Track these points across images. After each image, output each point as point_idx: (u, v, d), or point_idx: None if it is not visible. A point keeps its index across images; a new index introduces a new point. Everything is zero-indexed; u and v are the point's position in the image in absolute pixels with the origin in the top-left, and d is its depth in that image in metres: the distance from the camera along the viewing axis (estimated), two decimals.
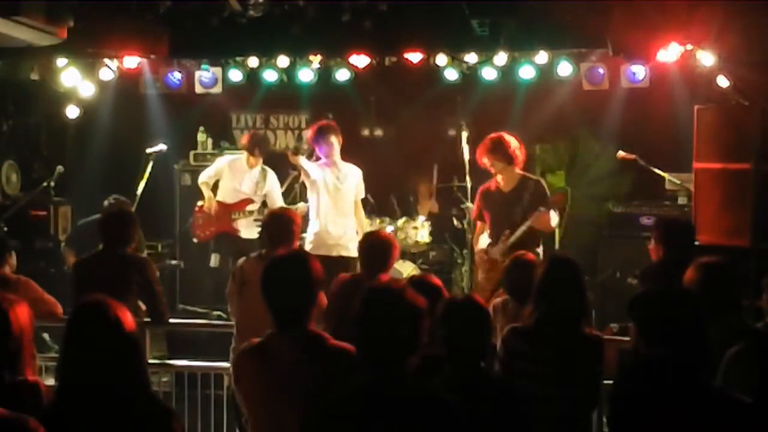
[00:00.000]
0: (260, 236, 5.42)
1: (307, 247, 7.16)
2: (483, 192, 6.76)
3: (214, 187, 8.08)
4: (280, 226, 5.29)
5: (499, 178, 6.65)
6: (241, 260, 5.40)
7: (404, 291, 2.95)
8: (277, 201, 7.95)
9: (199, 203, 8.08)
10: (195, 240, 8.16)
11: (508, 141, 6.56)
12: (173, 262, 8.67)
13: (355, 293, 3.05)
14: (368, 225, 7.94)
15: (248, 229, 7.99)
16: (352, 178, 7.26)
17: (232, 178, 7.99)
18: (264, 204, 7.96)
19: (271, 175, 8.04)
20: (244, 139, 8.19)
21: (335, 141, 7.09)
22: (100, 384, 2.80)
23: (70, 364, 2.86)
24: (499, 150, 6.54)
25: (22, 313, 3.24)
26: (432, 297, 3.57)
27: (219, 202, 8.00)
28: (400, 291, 2.95)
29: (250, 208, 7.95)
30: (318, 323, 3.58)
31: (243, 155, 8.02)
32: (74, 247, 8.02)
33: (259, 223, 7.90)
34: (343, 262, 6.92)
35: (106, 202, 7.75)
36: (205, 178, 8.02)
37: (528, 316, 3.99)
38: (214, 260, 8.19)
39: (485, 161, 6.61)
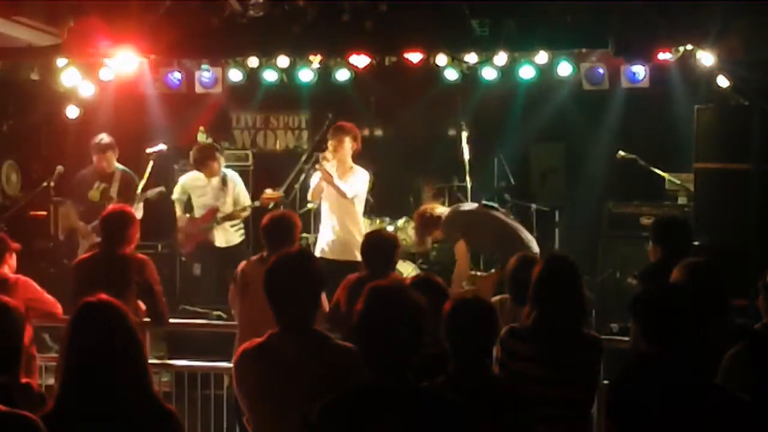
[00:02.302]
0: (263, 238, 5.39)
1: (318, 251, 7.30)
2: None
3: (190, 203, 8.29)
4: (280, 229, 5.27)
5: None
6: (242, 264, 5.38)
7: (406, 290, 2.95)
8: (245, 201, 8.17)
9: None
10: (182, 257, 8.37)
11: None
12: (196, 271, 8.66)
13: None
14: (368, 225, 7.97)
15: (227, 236, 8.18)
16: (356, 180, 7.25)
17: (195, 194, 8.20)
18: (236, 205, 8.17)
19: (232, 178, 8.21)
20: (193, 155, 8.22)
21: (348, 143, 7.21)
22: (103, 384, 2.80)
23: (73, 362, 2.85)
24: None
25: (16, 317, 3.24)
26: (437, 296, 3.58)
27: (190, 218, 8.21)
28: (401, 290, 2.95)
29: (219, 215, 8.11)
30: (319, 324, 3.58)
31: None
32: (74, 198, 8.08)
33: (238, 226, 8.15)
34: (353, 266, 6.87)
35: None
36: (176, 195, 8.24)
37: (526, 316, 3.99)
38: (196, 269, 8.41)
39: None
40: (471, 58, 7.99)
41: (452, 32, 7.28)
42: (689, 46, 7.07)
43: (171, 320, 6.03)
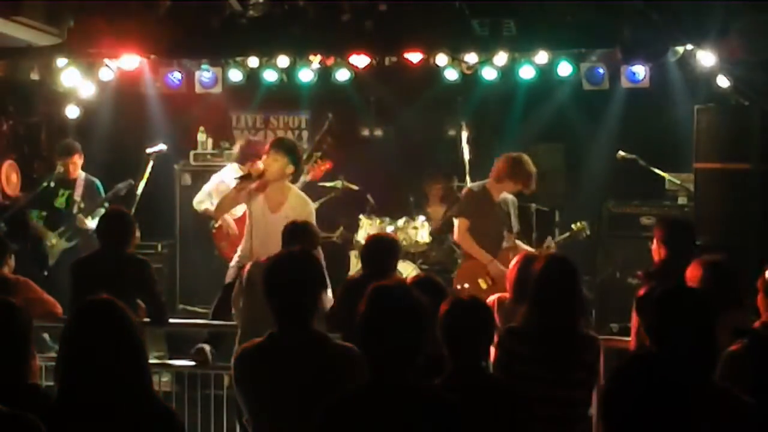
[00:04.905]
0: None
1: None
2: None
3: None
4: (297, 235, 5.21)
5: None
6: (248, 265, 5.37)
7: (408, 291, 2.95)
8: None
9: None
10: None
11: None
12: None
13: (362, 294, 3.03)
14: (368, 225, 7.95)
15: None
16: (291, 212, 5.99)
17: None
18: None
19: None
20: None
21: (279, 162, 6.11)
22: (103, 383, 2.80)
23: (74, 361, 2.85)
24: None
25: (23, 318, 3.24)
26: (437, 297, 3.58)
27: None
28: (404, 291, 2.95)
29: None
30: (319, 324, 3.58)
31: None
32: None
33: None
34: None
35: None
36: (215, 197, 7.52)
37: (525, 316, 3.99)
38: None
39: None
40: (471, 58, 7.99)
41: (452, 32, 7.28)
42: (689, 46, 7.07)
43: (171, 320, 6.03)
